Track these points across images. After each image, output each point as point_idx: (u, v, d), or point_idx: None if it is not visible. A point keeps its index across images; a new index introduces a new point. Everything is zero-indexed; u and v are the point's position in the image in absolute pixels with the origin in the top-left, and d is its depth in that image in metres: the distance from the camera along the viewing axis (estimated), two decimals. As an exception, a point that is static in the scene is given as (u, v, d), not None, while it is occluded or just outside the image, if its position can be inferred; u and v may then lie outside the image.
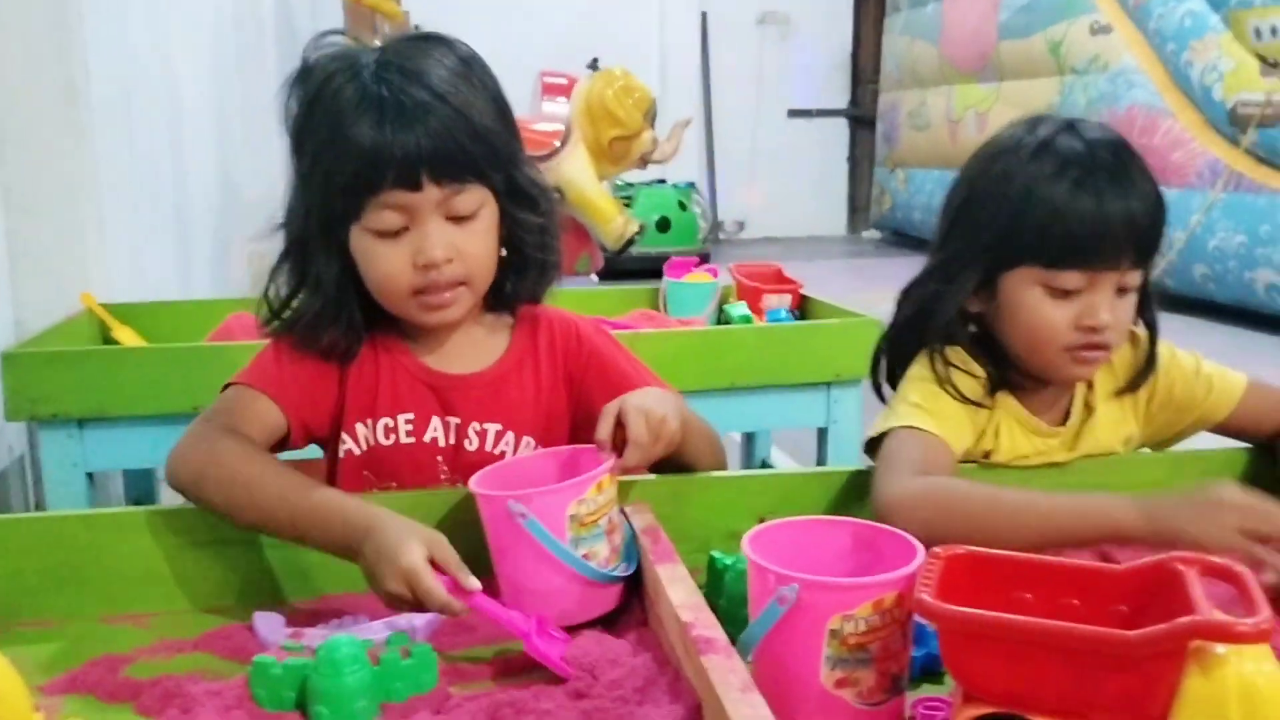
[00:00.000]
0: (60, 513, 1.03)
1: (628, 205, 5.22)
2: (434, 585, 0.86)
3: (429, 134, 0.99)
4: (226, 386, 1.08)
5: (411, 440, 1.10)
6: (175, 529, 1.00)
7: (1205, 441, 1.19)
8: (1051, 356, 1.08)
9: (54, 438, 1.68)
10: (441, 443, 1.10)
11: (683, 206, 6.03)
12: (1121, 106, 4.80)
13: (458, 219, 1.03)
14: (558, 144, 3.38)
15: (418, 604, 0.87)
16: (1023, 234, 1.05)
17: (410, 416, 1.10)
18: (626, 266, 4.46)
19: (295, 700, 0.79)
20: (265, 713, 0.79)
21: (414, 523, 0.92)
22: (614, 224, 3.46)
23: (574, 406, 1.14)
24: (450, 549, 0.89)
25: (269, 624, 0.93)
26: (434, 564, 0.88)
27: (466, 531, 1.01)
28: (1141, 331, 1.15)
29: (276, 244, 1.10)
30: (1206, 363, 1.16)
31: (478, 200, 1.04)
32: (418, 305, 1.05)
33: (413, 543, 0.88)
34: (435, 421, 1.10)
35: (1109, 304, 1.05)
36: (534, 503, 0.89)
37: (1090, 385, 1.14)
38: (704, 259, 3.88)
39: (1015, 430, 1.12)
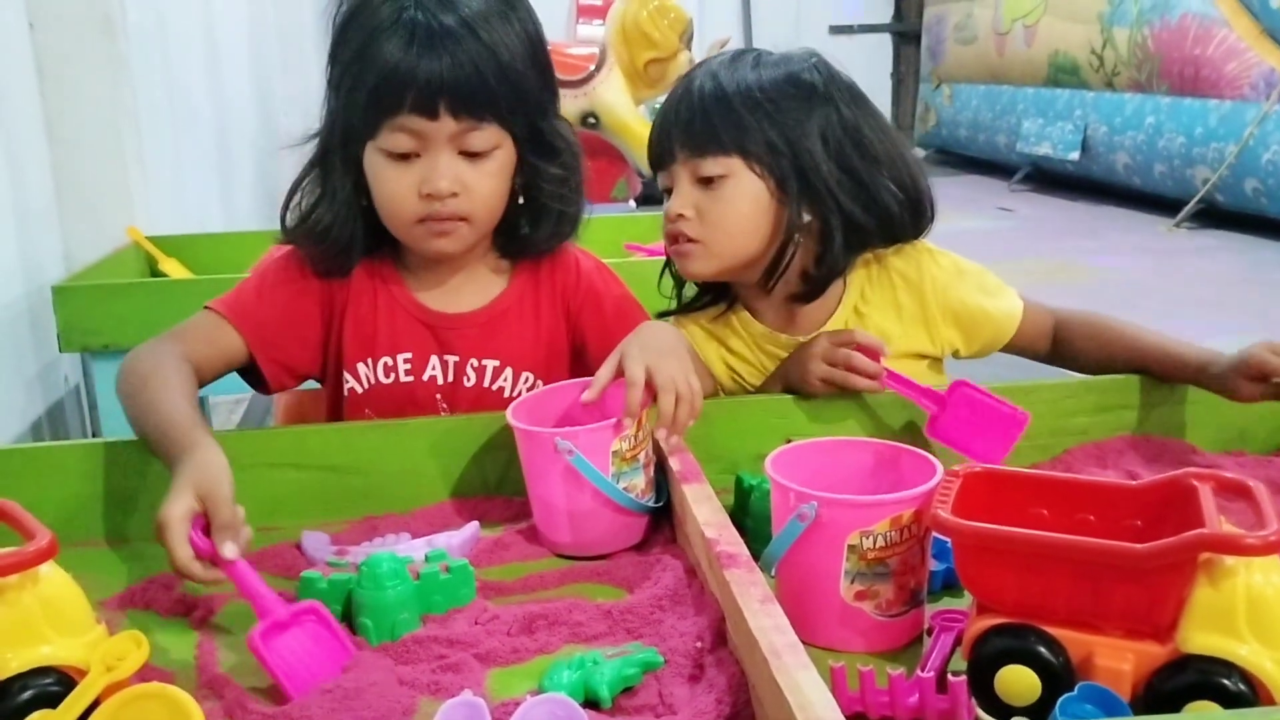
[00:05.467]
0: (115, 439, 1.07)
1: (666, 128, 5.15)
2: (177, 546, 0.78)
3: (454, 65, 0.99)
4: (207, 306, 1.11)
5: (411, 379, 1.12)
6: (226, 453, 1.02)
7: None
8: (670, 258, 1.18)
9: (107, 368, 1.73)
10: (440, 380, 1.12)
11: (722, 128, 5.94)
12: (1174, 16, 4.65)
13: (470, 154, 1.04)
14: (593, 68, 3.35)
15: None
16: None
17: (409, 355, 1.12)
18: (665, 191, 4.43)
19: (341, 613, 0.83)
20: (313, 625, 0.83)
21: (209, 464, 0.83)
22: (650, 148, 3.44)
23: (572, 341, 1.16)
24: (226, 506, 0.80)
25: (315, 542, 0.97)
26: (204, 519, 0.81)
27: (494, 456, 1.05)
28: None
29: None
30: (990, 276, 1.20)
31: (493, 140, 1.04)
32: (422, 231, 1.06)
33: (179, 495, 0.80)
34: (434, 360, 1.12)
35: (682, 195, 1.11)
36: (580, 440, 0.92)
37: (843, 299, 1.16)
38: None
39: (751, 344, 1.18)
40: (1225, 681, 0.63)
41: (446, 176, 1.02)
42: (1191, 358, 1.10)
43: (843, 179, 1.10)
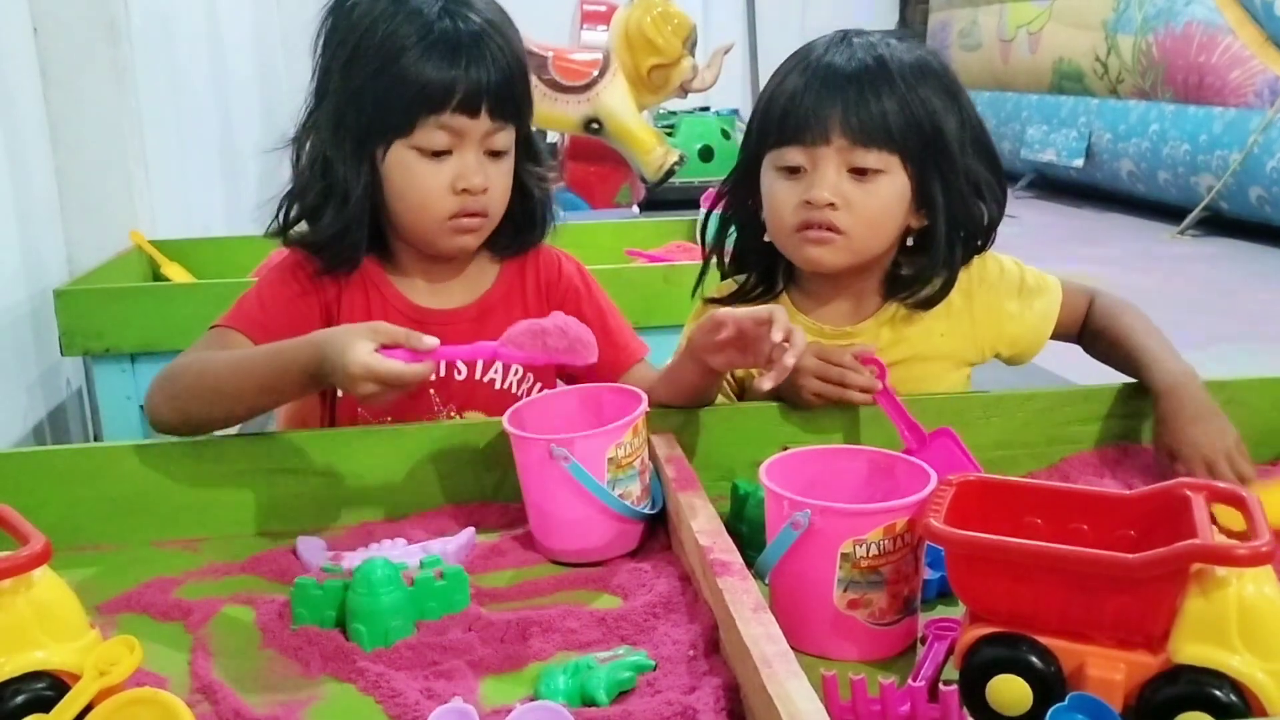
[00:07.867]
0: (115, 443, 1.07)
1: (670, 134, 5.17)
2: (393, 366, 0.90)
3: (495, 68, 1.06)
4: (213, 326, 1.12)
5: None
6: (224, 459, 1.04)
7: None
8: (784, 240, 1.12)
9: (108, 372, 1.74)
10: (431, 375, 1.13)
11: (726, 135, 5.94)
12: (1179, 23, 4.65)
13: (493, 153, 1.10)
14: (596, 73, 3.35)
15: (394, 389, 0.92)
16: (760, 120, 1.12)
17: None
18: (669, 197, 4.44)
19: (335, 618, 0.84)
20: (307, 630, 0.84)
21: (348, 327, 0.96)
22: (653, 154, 3.43)
23: None
24: (389, 327, 0.93)
25: (311, 548, 0.97)
26: (386, 347, 0.92)
27: (491, 462, 1.05)
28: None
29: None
30: (1030, 275, 1.20)
31: (510, 140, 1.11)
32: (450, 228, 1.10)
33: (355, 345, 0.91)
34: None
35: (830, 182, 1.07)
36: (576, 446, 0.92)
37: (906, 298, 1.14)
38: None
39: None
40: (1217, 692, 0.63)
41: (480, 173, 1.08)
42: (1157, 381, 1.07)
43: (970, 184, 1.09)
